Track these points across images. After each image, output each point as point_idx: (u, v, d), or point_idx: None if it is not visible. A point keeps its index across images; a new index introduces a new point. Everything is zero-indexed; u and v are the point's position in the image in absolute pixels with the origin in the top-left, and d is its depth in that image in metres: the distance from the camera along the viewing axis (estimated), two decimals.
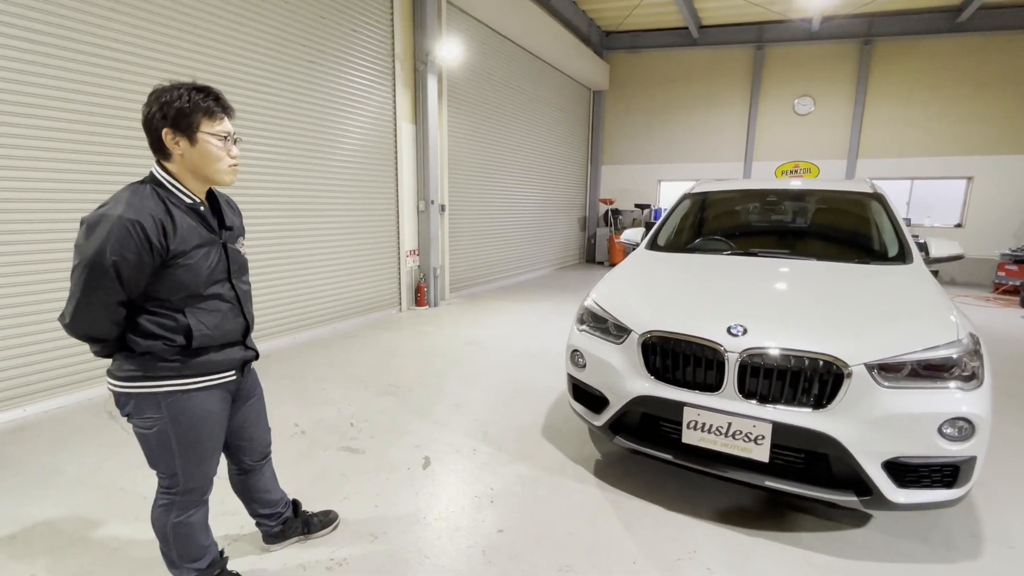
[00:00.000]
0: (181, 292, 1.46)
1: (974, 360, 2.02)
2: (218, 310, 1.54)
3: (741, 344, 2.12)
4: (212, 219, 1.56)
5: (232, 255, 1.60)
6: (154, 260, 1.39)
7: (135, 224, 1.34)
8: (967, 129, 9.68)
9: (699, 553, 2.09)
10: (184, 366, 1.49)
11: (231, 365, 1.61)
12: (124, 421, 3.24)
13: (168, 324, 1.45)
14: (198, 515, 1.67)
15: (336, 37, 5.39)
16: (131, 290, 1.41)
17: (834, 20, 10.08)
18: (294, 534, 2.10)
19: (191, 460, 1.56)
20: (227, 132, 1.50)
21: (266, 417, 1.92)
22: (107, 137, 3.59)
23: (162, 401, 1.48)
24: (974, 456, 1.94)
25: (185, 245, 1.44)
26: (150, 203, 1.40)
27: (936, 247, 3.04)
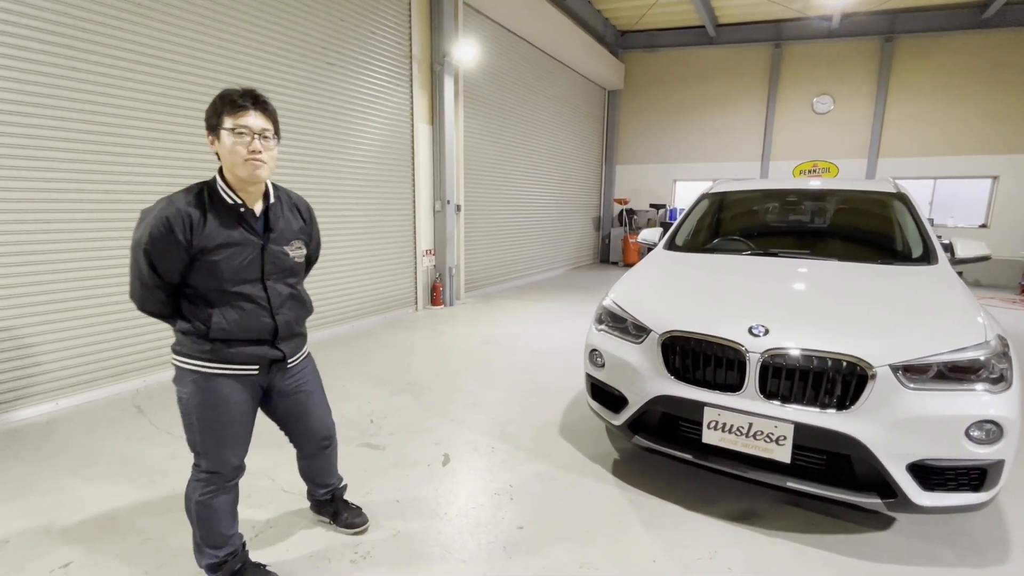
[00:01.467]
0: (209, 285, 1.55)
1: (1003, 362, 1.99)
2: (242, 308, 1.58)
3: (763, 344, 2.11)
4: (255, 221, 1.61)
5: (270, 257, 1.63)
6: (180, 253, 1.49)
7: (164, 219, 1.47)
8: (993, 127, 9.46)
9: (719, 553, 2.09)
10: (209, 352, 1.58)
11: (255, 360, 1.66)
12: (152, 415, 3.34)
13: (197, 312, 1.57)
14: (220, 500, 1.71)
15: (355, 40, 5.46)
16: (167, 276, 1.52)
17: (854, 17, 9.92)
18: (325, 514, 2.19)
19: (209, 441, 1.63)
20: (244, 126, 1.50)
21: (321, 411, 1.97)
22: (129, 139, 3.70)
23: (188, 377, 1.61)
24: (1002, 459, 1.91)
25: (209, 242, 1.51)
26: (184, 201, 1.51)
27: (962, 248, 2.99)
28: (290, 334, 1.74)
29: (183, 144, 3.98)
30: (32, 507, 2.34)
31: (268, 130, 1.56)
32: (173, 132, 3.91)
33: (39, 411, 3.34)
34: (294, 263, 1.71)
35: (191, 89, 3.98)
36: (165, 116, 3.85)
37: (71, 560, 1.99)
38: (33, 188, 3.24)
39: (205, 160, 4.11)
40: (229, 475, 1.70)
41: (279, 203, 1.70)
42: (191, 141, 4.03)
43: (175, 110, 3.90)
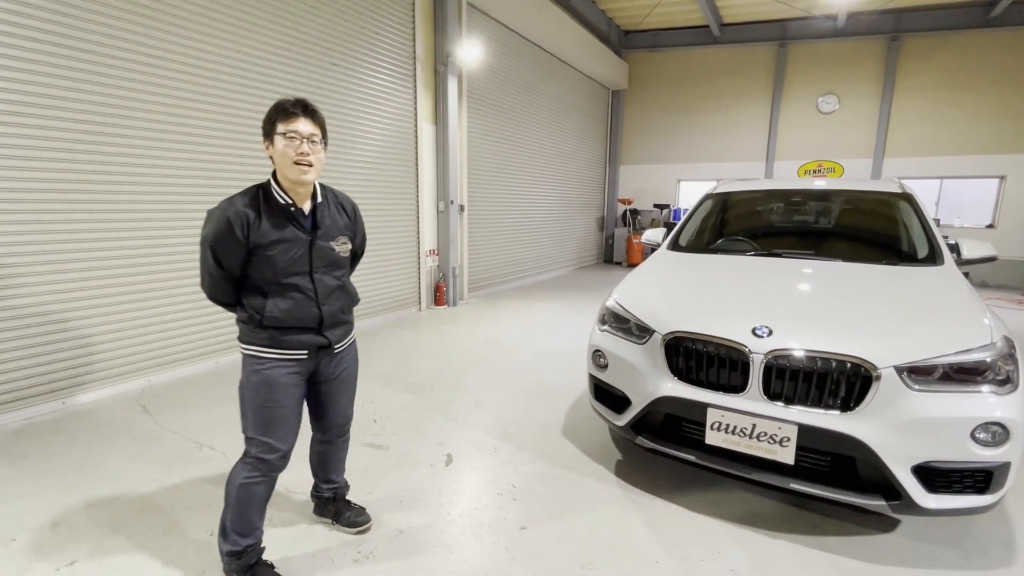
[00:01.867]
0: (264, 277, 1.70)
1: (1009, 364, 1.98)
2: (292, 298, 1.73)
3: (766, 345, 2.10)
4: (304, 219, 1.76)
5: (317, 252, 1.77)
6: (239, 248, 1.66)
7: (226, 219, 1.64)
8: (1000, 127, 9.39)
9: (722, 554, 2.08)
10: (263, 337, 1.73)
11: (303, 346, 1.79)
12: (157, 415, 3.36)
13: (254, 302, 1.72)
14: (260, 488, 1.80)
15: (359, 40, 5.48)
16: (230, 269, 1.69)
17: (860, 16, 9.87)
18: (327, 515, 2.21)
19: (259, 423, 1.76)
20: (294, 131, 1.64)
21: (347, 402, 2.07)
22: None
23: (247, 363, 1.76)
24: (1008, 462, 1.90)
25: (264, 239, 1.67)
26: (242, 203, 1.67)
27: (968, 248, 2.97)
28: (335, 323, 1.87)
29: (181, 146, 4.01)
30: (38, 505, 2.35)
31: (316, 135, 1.70)
32: (171, 133, 3.94)
33: (46, 409, 3.36)
34: (340, 257, 1.85)
35: (198, 91, 4.00)
36: (166, 116, 3.87)
37: (76, 559, 2.01)
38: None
39: (211, 161, 4.14)
40: (274, 463, 1.79)
41: (326, 202, 1.83)
42: (188, 143, 4.05)
43: (182, 111, 3.92)
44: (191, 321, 4.18)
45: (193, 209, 4.11)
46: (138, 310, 3.83)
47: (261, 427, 1.75)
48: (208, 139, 4.16)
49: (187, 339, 4.16)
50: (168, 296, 4.01)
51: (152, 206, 3.85)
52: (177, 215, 4.01)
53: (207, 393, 3.75)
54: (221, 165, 4.26)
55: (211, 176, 4.20)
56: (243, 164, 4.40)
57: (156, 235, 3.90)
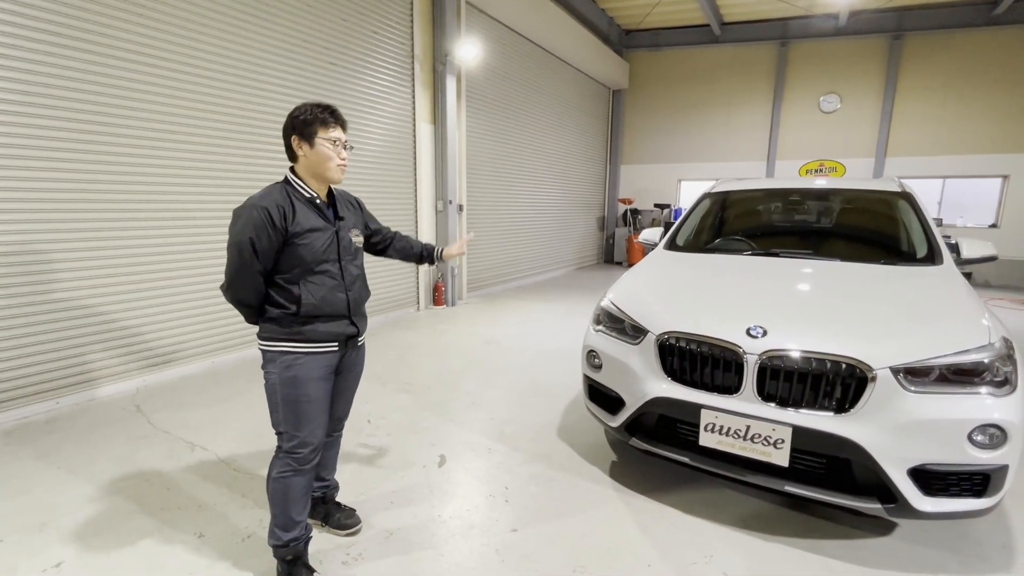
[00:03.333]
0: (298, 266, 1.78)
1: (1007, 365, 1.94)
2: (324, 284, 1.82)
3: (761, 346, 2.08)
4: (327, 210, 1.88)
5: (342, 240, 1.89)
6: (278, 237, 1.73)
7: (263, 210, 1.71)
8: (1003, 126, 9.32)
9: (716, 558, 2.06)
10: (297, 333, 1.79)
11: (335, 337, 1.86)
12: (151, 415, 3.35)
13: (286, 296, 1.79)
14: (295, 481, 1.83)
15: (357, 39, 5.46)
16: (265, 262, 1.75)
17: (862, 15, 9.82)
18: (316, 516, 2.19)
19: (290, 418, 1.80)
20: (337, 138, 1.82)
21: (351, 397, 2.12)
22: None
23: (277, 359, 1.79)
24: (1006, 465, 1.87)
25: (300, 228, 1.77)
26: (276, 195, 1.77)
27: (968, 248, 2.94)
28: (359, 311, 1.97)
29: (181, 147, 4.00)
30: (28, 506, 2.34)
31: (347, 141, 1.88)
32: (172, 133, 3.93)
33: (40, 409, 3.35)
34: (358, 248, 2.00)
35: (197, 91, 3.99)
36: (166, 117, 3.86)
37: (62, 560, 1.99)
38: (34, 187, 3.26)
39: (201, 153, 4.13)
40: (307, 456, 1.83)
41: (339, 197, 1.98)
42: (189, 142, 4.04)
43: (182, 111, 3.92)
44: (188, 320, 4.17)
45: (192, 208, 4.10)
46: (133, 309, 3.82)
47: (293, 422, 1.81)
48: (210, 139, 4.15)
49: (184, 338, 4.15)
50: (164, 295, 4.00)
51: (149, 205, 3.84)
52: (176, 214, 4.00)
53: (203, 393, 3.74)
54: (222, 164, 4.25)
55: (211, 176, 4.19)
56: (244, 164, 4.39)
57: (153, 235, 3.89)
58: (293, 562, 1.86)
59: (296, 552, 1.86)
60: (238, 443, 2.96)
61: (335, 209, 1.92)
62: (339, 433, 2.18)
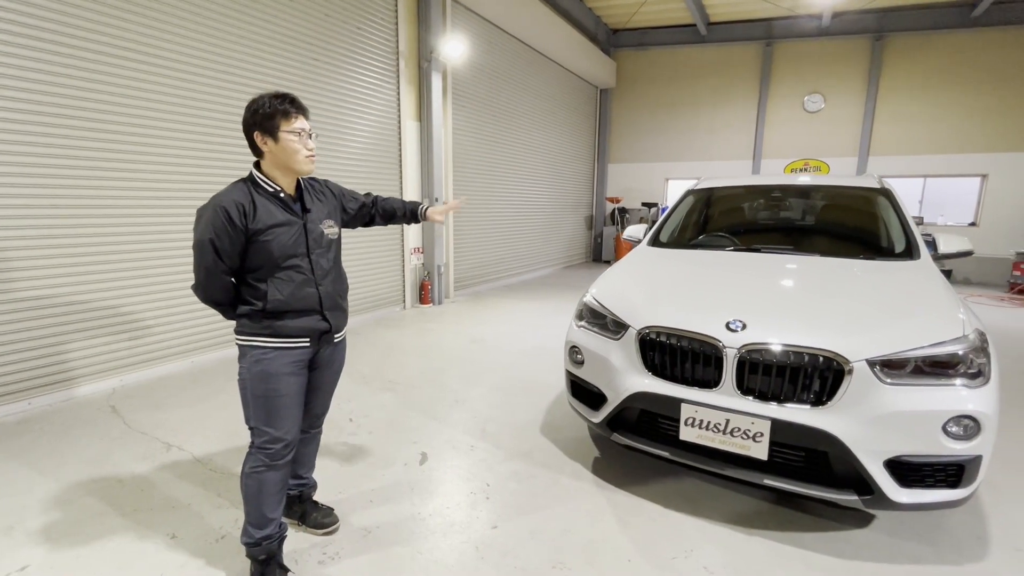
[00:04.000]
0: (266, 262, 1.74)
1: (981, 357, 1.96)
2: (292, 280, 1.78)
3: (740, 340, 2.08)
4: (294, 204, 1.83)
5: (311, 233, 1.84)
6: (239, 236, 1.70)
7: (222, 209, 1.68)
8: (982, 126, 9.49)
9: (695, 552, 2.06)
10: (266, 328, 1.77)
11: (305, 333, 1.83)
12: (127, 415, 3.28)
13: (254, 293, 1.77)
14: (268, 476, 1.81)
15: (341, 35, 5.40)
16: (230, 261, 1.73)
17: (844, 16, 9.93)
18: (293, 516, 2.15)
19: (261, 413, 1.79)
20: (301, 128, 1.76)
21: (329, 393, 2.08)
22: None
23: (247, 353, 1.79)
24: (980, 455, 1.88)
25: (261, 225, 1.73)
26: (236, 193, 1.73)
27: (944, 243, 2.97)
28: (333, 306, 1.92)
29: (161, 143, 3.92)
30: None
31: (311, 129, 1.82)
32: (151, 130, 3.85)
33: (12, 410, 3.27)
34: (330, 240, 1.92)
35: (177, 87, 3.92)
36: (145, 114, 3.78)
37: (28, 563, 1.93)
38: None
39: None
40: (279, 452, 1.81)
41: (308, 190, 1.92)
42: (169, 139, 3.97)
43: (162, 108, 3.84)
44: (166, 319, 4.09)
45: (171, 205, 4.02)
46: (109, 308, 3.74)
47: (263, 417, 1.79)
48: (190, 134, 4.07)
49: (162, 338, 4.08)
50: (142, 294, 3.92)
51: (125, 202, 3.76)
52: (154, 212, 3.92)
53: (181, 393, 3.67)
54: (201, 160, 4.17)
55: (190, 172, 4.11)
56: (224, 160, 4.31)
57: (130, 233, 3.81)
58: (266, 562, 1.83)
59: (269, 551, 1.82)
60: (215, 443, 2.90)
61: (302, 202, 1.87)
62: (317, 430, 2.14)
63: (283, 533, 1.88)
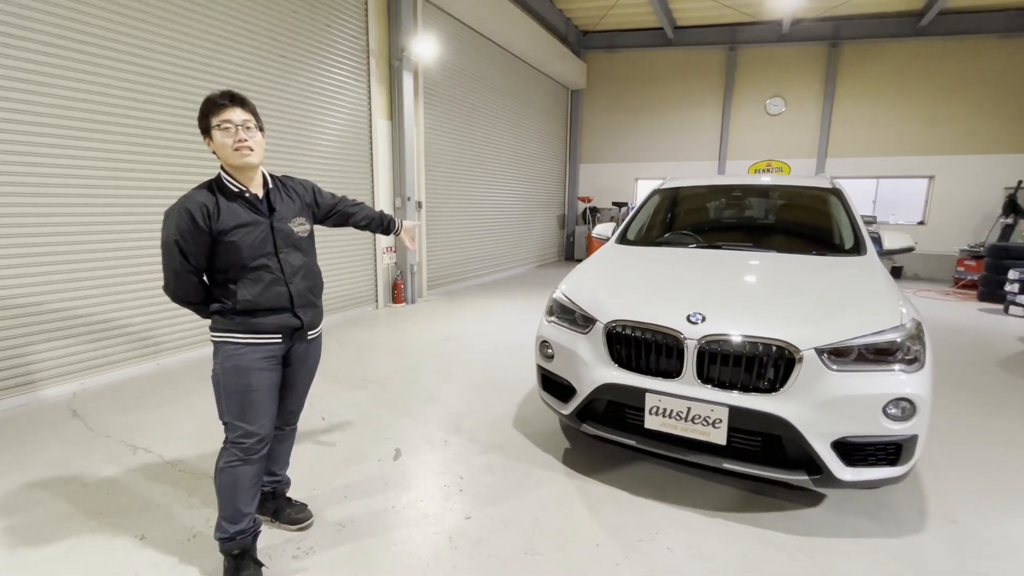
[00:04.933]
0: (234, 263, 1.75)
1: (916, 344, 2.13)
2: (261, 280, 1.79)
3: (700, 331, 2.19)
4: (260, 203, 1.83)
5: (279, 233, 1.84)
6: (203, 237, 1.71)
7: (186, 211, 1.69)
8: (929, 130, 10.04)
9: (660, 534, 2.16)
10: (239, 324, 1.78)
11: (277, 329, 1.84)
12: (90, 419, 3.20)
13: (225, 292, 1.79)
14: (242, 471, 1.82)
15: (308, 32, 5.35)
16: (196, 262, 1.74)
17: (803, 23, 10.34)
18: (266, 512, 2.16)
19: (234, 408, 1.80)
20: (228, 119, 1.71)
21: (304, 390, 2.09)
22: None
23: (221, 349, 1.80)
24: (916, 435, 2.04)
25: (226, 225, 1.73)
26: (201, 194, 1.73)
27: (888, 240, 3.18)
28: (305, 303, 1.92)
29: (118, 142, 3.82)
30: None
31: (249, 121, 1.76)
32: (105, 130, 3.75)
33: None
34: (300, 238, 1.92)
35: (132, 85, 3.82)
36: (97, 114, 3.68)
37: None
38: None
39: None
40: (252, 447, 1.82)
41: (277, 188, 1.91)
42: (125, 139, 3.87)
43: (115, 106, 3.74)
44: (131, 320, 3.99)
45: (134, 204, 3.92)
46: (69, 309, 3.63)
47: (236, 412, 1.80)
48: (148, 135, 3.97)
49: (126, 339, 3.97)
50: (103, 295, 3.81)
51: (88, 201, 3.65)
52: (118, 212, 3.82)
53: (148, 396, 3.59)
54: (161, 161, 4.08)
55: (152, 172, 4.02)
56: (186, 160, 4.23)
57: (92, 232, 3.71)
58: (240, 556, 1.84)
59: (243, 546, 1.84)
60: (185, 444, 2.87)
61: (269, 201, 1.86)
62: (292, 427, 2.15)
63: (257, 528, 1.90)
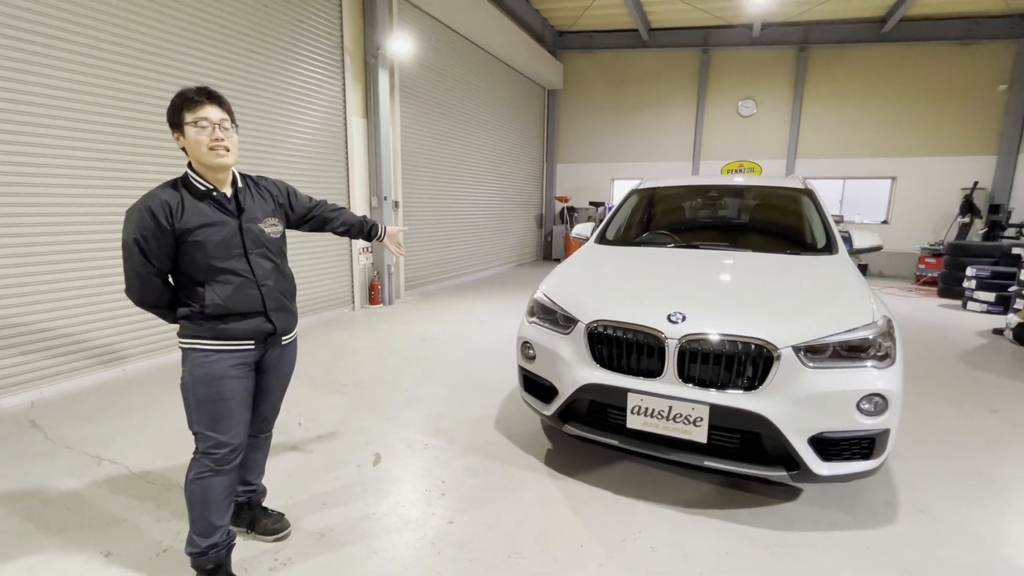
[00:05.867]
0: (201, 264, 1.68)
1: (888, 340, 2.19)
2: (231, 283, 1.72)
3: (680, 331, 2.21)
4: (228, 203, 1.76)
5: (248, 234, 1.77)
6: (166, 237, 1.64)
7: (147, 209, 1.63)
8: (891, 132, 10.41)
9: (643, 533, 2.17)
10: (208, 330, 1.71)
11: (249, 335, 1.77)
12: (50, 430, 3.05)
13: (192, 295, 1.72)
14: (214, 482, 1.75)
15: (280, 27, 5.22)
16: (159, 262, 1.67)
17: (773, 27, 10.60)
18: (241, 524, 2.09)
19: (204, 418, 1.73)
20: (204, 117, 1.66)
21: (279, 397, 2.02)
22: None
23: (190, 356, 1.73)
24: (888, 429, 2.10)
25: (190, 224, 1.66)
26: (164, 192, 1.67)
27: (858, 239, 3.27)
28: (279, 306, 1.85)
29: (78, 139, 3.65)
30: None
31: (226, 120, 1.72)
32: (65, 128, 3.58)
33: None
34: (271, 239, 1.85)
35: (96, 80, 3.66)
36: (58, 110, 3.51)
37: None
38: None
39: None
40: (223, 457, 1.75)
41: (247, 188, 1.85)
42: (85, 137, 3.70)
43: (76, 103, 3.57)
44: (91, 326, 3.81)
45: (94, 205, 3.75)
46: (26, 314, 3.45)
47: (207, 422, 1.73)
48: (107, 133, 3.80)
49: (88, 345, 3.80)
50: (62, 299, 3.64)
51: (43, 199, 3.48)
52: (77, 213, 3.65)
53: (112, 404, 3.44)
54: (121, 161, 3.91)
55: (111, 172, 3.85)
56: (149, 159, 4.06)
57: (50, 235, 3.53)
58: (214, 571, 1.77)
59: (217, 560, 1.77)
60: (153, 455, 2.75)
61: (238, 201, 1.80)
62: (267, 435, 2.09)
63: (231, 541, 1.83)
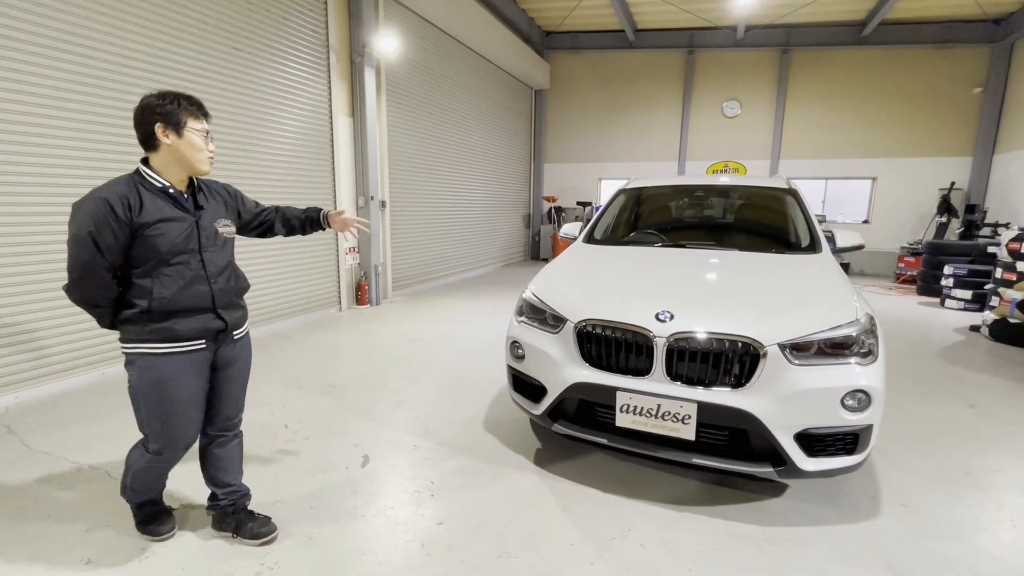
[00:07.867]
0: (153, 258, 1.69)
1: (870, 338, 2.23)
2: (182, 277, 1.73)
3: (668, 329, 2.22)
4: (184, 200, 1.79)
5: (204, 231, 1.80)
6: (123, 231, 1.65)
7: (104, 201, 1.62)
8: (872, 133, 10.62)
9: (632, 531, 2.18)
10: (155, 331, 1.70)
11: (199, 334, 1.77)
12: (27, 436, 2.97)
13: (137, 292, 1.70)
14: (161, 470, 1.92)
15: (265, 24, 5.14)
16: (111, 257, 1.66)
17: (756, 29, 10.74)
18: (227, 529, 2.06)
19: (155, 423, 1.76)
20: (206, 129, 1.79)
21: (239, 391, 2.01)
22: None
23: (135, 361, 1.73)
24: (871, 424, 2.14)
25: (148, 219, 1.68)
26: (120, 187, 1.68)
27: (841, 238, 3.33)
28: (228, 304, 1.86)
29: (49, 136, 3.56)
30: None
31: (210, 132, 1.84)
32: (36, 124, 3.49)
33: None
34: (225, 238, 1.89)
35: (68, 75, 3.57)
36: (25, 107, 3.42)
37: None
38: None
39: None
40: (174, 457, 1.84)
41: (202, 189, 1.89)
42: (57, 134, 3.61)
43: (48, 98, 3.48)
44: (68, 329, 3.72)
45: (65, 202, 3.65)
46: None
47: (157, 426, 1.75)
48: (86, 130, 3.71)
49: (64, 349, 3.70)
50: (36, 301, 3.54)
51: (10, 201, 3.38)
52: (51, 212, 3.55)
53: (91, 409, 3.36)
54: (100, 159, 3.82)
55: (89, 170, 3.76)
56: (126, 156, 3.98)
57: (21, 235, 3.43)
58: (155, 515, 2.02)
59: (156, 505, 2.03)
60: None
61: (195, 199, 1.83)
62: (235, 433, 2.07)
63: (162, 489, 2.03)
